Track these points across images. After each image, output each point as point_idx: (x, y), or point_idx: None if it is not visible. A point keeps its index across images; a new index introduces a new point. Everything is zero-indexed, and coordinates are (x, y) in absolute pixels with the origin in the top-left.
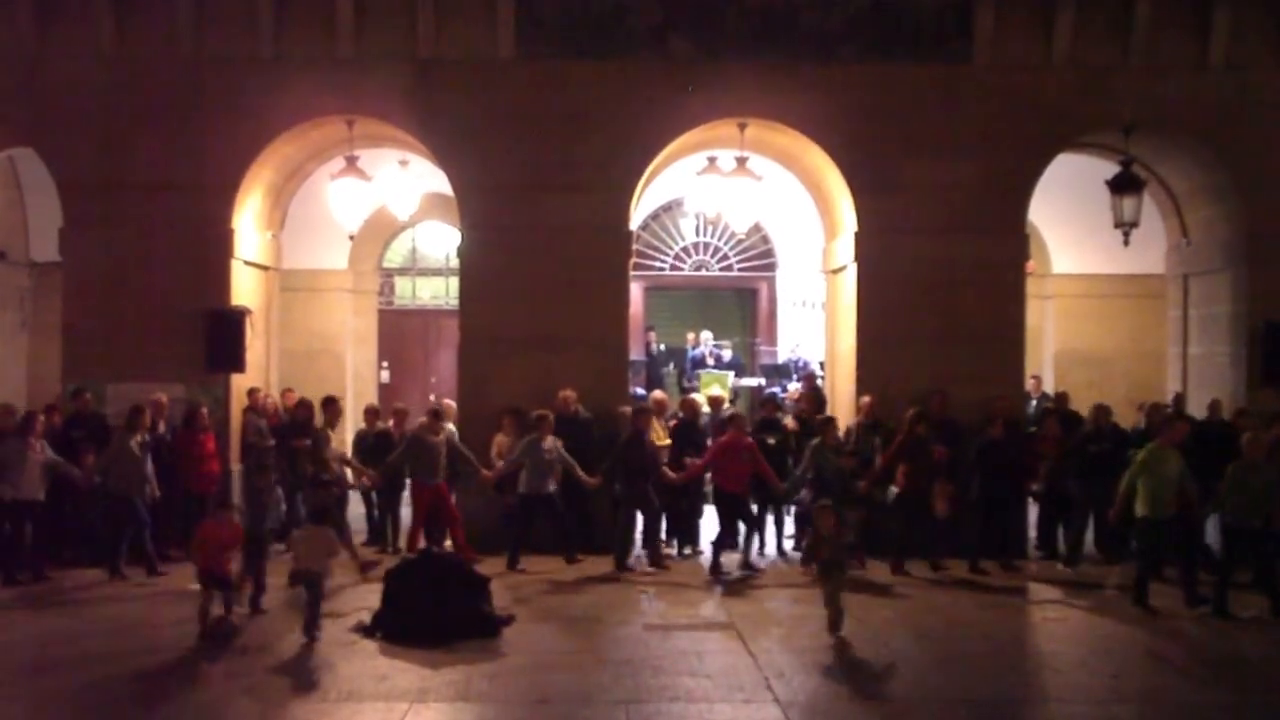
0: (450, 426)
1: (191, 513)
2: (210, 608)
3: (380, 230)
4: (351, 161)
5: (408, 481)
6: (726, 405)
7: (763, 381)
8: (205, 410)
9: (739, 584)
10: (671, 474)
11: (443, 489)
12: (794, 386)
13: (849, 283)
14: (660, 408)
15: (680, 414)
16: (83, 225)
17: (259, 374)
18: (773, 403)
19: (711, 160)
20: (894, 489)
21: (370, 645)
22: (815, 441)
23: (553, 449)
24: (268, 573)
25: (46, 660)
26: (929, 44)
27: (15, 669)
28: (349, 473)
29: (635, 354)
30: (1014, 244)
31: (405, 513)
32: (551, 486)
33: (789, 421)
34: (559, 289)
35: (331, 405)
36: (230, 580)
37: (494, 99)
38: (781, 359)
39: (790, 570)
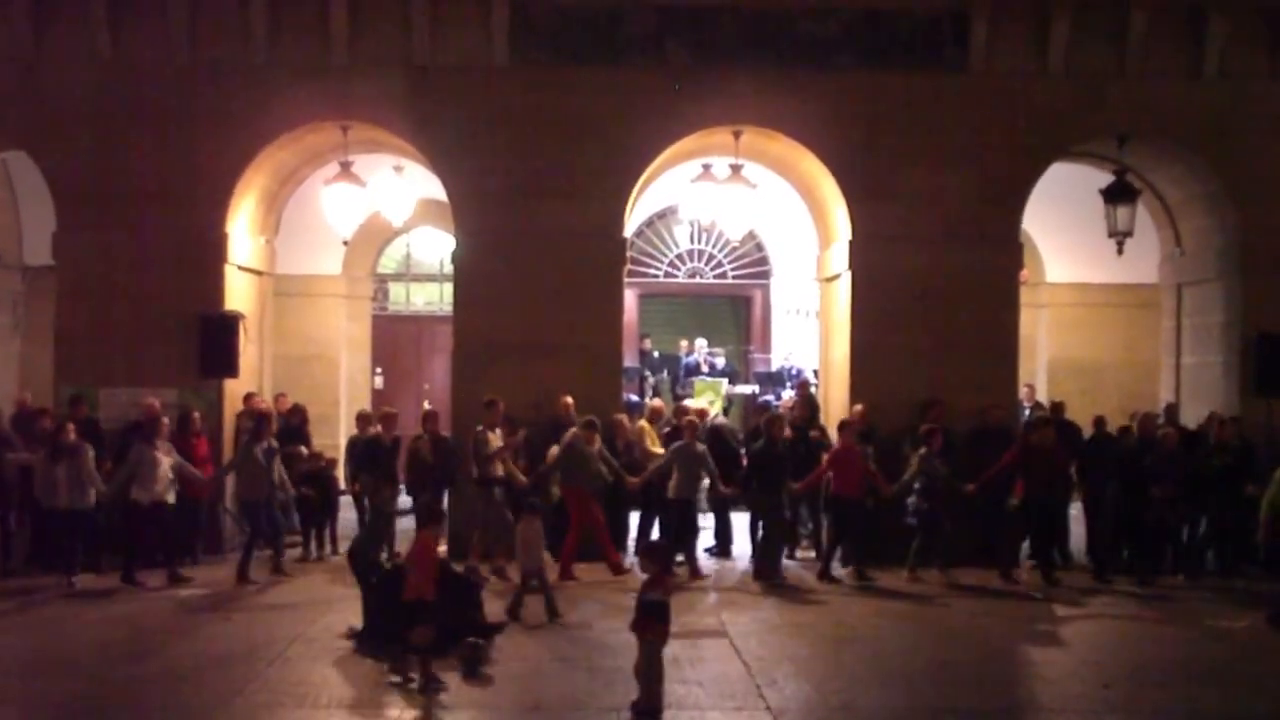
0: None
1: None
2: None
3: (374, 236)
4: (346, 167)
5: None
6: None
7: (756, 389)
8: (198, 415)
9: (736, 591)
10: (796, 485)
11: (591, 497)
12: (788, 394)
13: (843, 291)
14: (655, 415)
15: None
16: (76, 229)
17: (252, 379)
18: (766, 410)
19: (706, 167)
20: (1013, 500)
21: (360, 652)
22: (922, 450)
23: (702, 454)
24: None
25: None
26: (924, 52)
27: None
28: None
29: (629, 361)
30: (1008, 253)
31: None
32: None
33: None
34: (553, 295)
35: (493, 406)
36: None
37: (489, 105)
38: (775, 367)
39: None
